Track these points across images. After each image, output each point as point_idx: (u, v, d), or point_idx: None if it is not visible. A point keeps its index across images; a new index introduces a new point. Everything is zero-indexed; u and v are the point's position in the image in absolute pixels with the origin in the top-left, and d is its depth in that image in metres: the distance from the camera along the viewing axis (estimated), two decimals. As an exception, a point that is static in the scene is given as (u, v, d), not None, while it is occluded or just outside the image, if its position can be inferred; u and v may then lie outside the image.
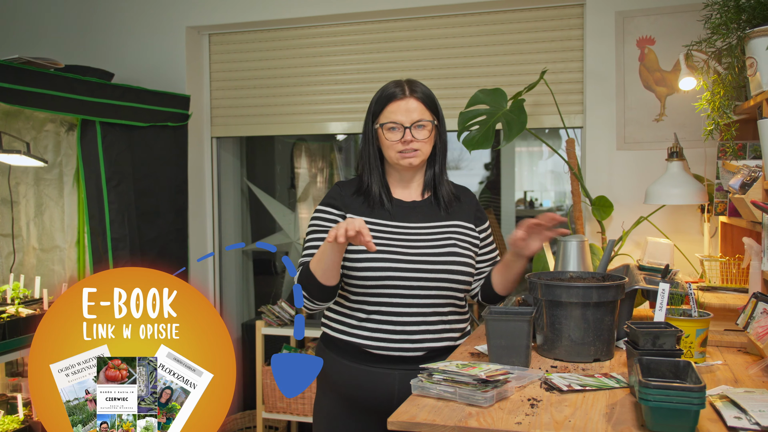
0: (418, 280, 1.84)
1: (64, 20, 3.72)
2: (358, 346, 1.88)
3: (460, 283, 1.90)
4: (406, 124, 1.87)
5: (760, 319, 1.75)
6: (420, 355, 1.86)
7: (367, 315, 1.87)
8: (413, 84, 1.92)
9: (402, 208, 1.95)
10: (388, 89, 1.91)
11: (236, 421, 3.68)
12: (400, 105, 1.88)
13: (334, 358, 1.92)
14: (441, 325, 1.89)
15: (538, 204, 6.06)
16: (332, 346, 1.94)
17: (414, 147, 1.88)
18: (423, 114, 1.89)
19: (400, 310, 1.85)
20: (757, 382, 1.65)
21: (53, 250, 3.32)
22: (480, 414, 1.43)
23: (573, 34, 3.09)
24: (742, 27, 1.91)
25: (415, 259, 1.85)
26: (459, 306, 1.95)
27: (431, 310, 1.87)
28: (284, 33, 3.55)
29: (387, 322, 1.86)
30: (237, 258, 4.06)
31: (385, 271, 1.84)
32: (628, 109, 2.93)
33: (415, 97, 1.89)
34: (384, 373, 1.86)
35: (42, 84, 2.56)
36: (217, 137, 3.75)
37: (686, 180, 2.47)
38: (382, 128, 1.90)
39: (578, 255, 2.32)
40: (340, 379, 1.91)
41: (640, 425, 1.35)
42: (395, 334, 1.85)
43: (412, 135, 1.87)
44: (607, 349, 1.83)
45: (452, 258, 1.87)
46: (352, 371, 1.89)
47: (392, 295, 1.85)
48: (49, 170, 3.27)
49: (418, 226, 1.91)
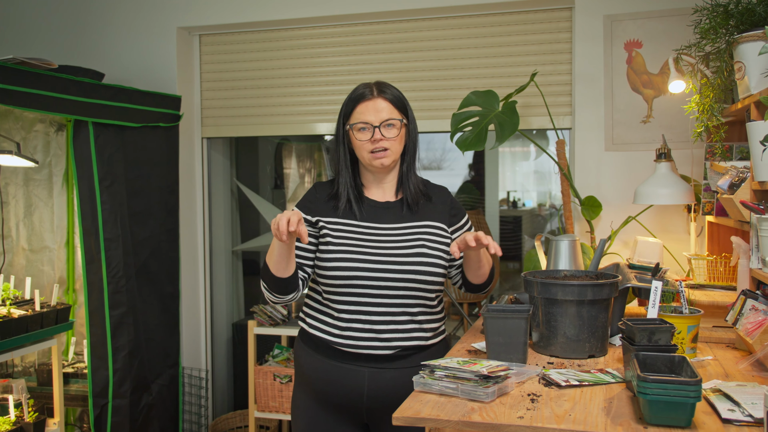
0: (386, 280, 1.87)
1: (55, 21, 3.70)
2: (329, 342, 1.92)
3: (428, 283, 1.92)
4: (375, 123, 1.91)
5: (749, 315, 1.81)
6: (389, 353, 1.89)
7: (338, 313, 1.91)
8: (382, 85, 1.96)
9: (374, 208, 1.98)
10: (357, 90, 1.96)
11: (228, 420, 3.69)
12: (369, 105, 1.92)
13: (309, 352, 1.97)
14: (410, 324, 1.91)
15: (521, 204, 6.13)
16: (307, 340, 1.99)
17: (384, 146, 1.91)
18: (392, 113, 1.93)
19: (369, 309, 1.88)
20: (747, 377, 1.70)
21: (43, 251, 3.31)
22: (482, 409, 1.46)
23: (562, 37, 3.14)
24: (731, 32, 1.97)
25: (383, 260, 1.88)
26: (429, 306, 1.96)
27: (400, 310, 1.89)
28: (274, 34, 3.56)
29: (356, 321, 1.89)
30: (227, 258, 4.06)
31: (352, 271, 1.87)
32: (616, 110, 2.99)
33: (384, 98, 1.93)
34: (354, 370, 1.90)
35: (35, 84, 2.55)
36: (207, 138, 3.75)
37: (674, 180, 2.52)
38: (352, 129, 1.94)
39: (569, 254, 2.37)
40: (313, 373, 1.95)
41: (638, 418, 1.39)
42: (364, 332, 1.89)
43: (381, 134, 1.91)
44: (601, 346, 1.88)
45: (420, 258, 1.89)
46: (325, 366, 1.92)
47: (360, 295, 1.88)
48: (38, 171, 3.25)
49: (387, 227, 1.94)
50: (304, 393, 2.00)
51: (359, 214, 1.96)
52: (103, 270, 2.88)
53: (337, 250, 1.89)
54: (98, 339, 2.89)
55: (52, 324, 2.80)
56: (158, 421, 3.16)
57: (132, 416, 2.99)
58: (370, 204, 1.99)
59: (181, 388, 3.43)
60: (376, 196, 2.01)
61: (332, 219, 1.95)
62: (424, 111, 3.33)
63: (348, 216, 1.96)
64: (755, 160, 1.76)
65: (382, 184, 2.02)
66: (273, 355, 3.47)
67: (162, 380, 3.23)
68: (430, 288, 1.93)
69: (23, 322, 2.65)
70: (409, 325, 1.91)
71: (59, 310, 2.82)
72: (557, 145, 2.88)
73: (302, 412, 2.00)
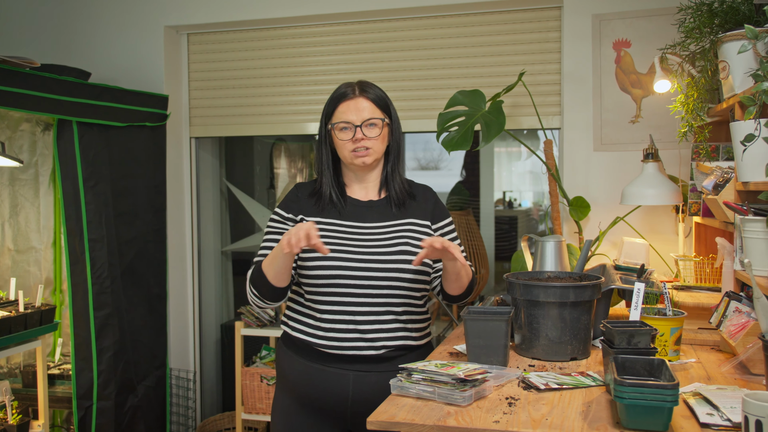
0: (369, 279, 1.85)
1: (42, 19, 3.67)
2: (313, 345, 1.89)
3: (413, 282, 1.89)
4: (356, 122, 1.89)
5: (733, 317, 1.79)
6: (375, 354, 1.87)
7: (321, 314, 1.89)
8: (364, 84, 1.94)
9: (357, 207, 1.96)
10: (339, 90, 1.94)
11: (216, 422, 3.67)
12: (350, 105, 1.90)
13: (292, 356, 1.94)
14: (395, 324, 1.89)
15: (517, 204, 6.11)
16: (290, 344, 1.96)
17: (365, 145, 1.90)
18: (374, 113, 1.91)
19: (353, 309, 1.86)
20: (729, 380, 1.68)
21: (29, 251, 3.29)
22: (459, 413, 1.44)
23: (550, 36, 3.12)
24: (715, 31, 1.95)
25: (366, 258, 1.86)
26: (415, 306, 1.94)
27: (384, 309, 1.87)
28: (263, 33, 3.54)
29: (340, 321, 1.86)
30: (216, 259, 4.04)
31: (335, 270, 1.85)
32: (604, 110, 2.97)
33: (365, 97, 1.91)
34: (339, 374, 1.87)
35: (17, 83, 2.53)
36: (195, 137, 3.73)
37: (661, 181, 2.50)
38: (333, 128, 1.92)
39: (555, 255, 2.35)
40: (296, 378, 1.92)
41: (616, 422, 1.37)
42: (349, 333, 1.86)
43: (363, 133, 1.89)
44: (583, 348, 1.86)
45: (404, 257, 1.87)
46: (308, 370, 1.89)
47: (344, 294, 1.86)
48: (24, 170, 3.23)
49: (370, 226, 1.92)
50: (286, 396, 1.97)
51: (342, 213, 1.94)
52: (88, 271, 2.86)
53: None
54: (83, 340, 2.87)
55: (36, 325, 2.78)
56: (144, 423, 3.14)
57: (117, 418, 2.96)
58: (353, 203, 1.97)
59: (169, 389, 3.41)
60: (359, 195, 2.00)
61: (315, 219, 1.93)
62: (412, 111, 3.32)
63: (331, 215, 1.94)
64: (738, 160, 1.74)
65: (365, 183, 2.00)
66: (260, 357, 3.45)
67: (148, 382, 3.20)
68: (414, 287, 1.91)
69: (6, 323, 2.62)
70: (393, 324, 1.88)
71: (43, 311, 2.80)
72: (545, 145, 2.87)
73: (283, 417, 1.97)
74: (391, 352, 1.88)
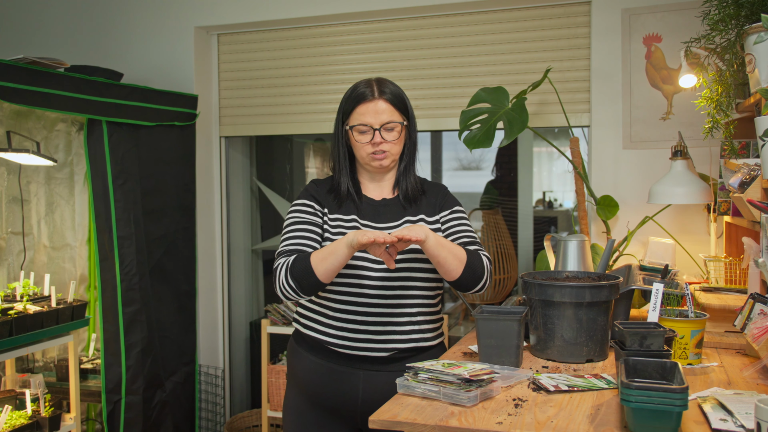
0: (384, 279, 1.84)
1: (77, 23, 3.76)
2: (324, 343, 1.88)
3: (426, 281, 1.88)
4: (375, 126, 1.87)
5: (757, 320, 1.72)
6: (385, 355, 1.85)
7: (334, 313, 1.88)
8: (382, 84, 1.91)
9: (371, 206, 1.95)
10: (358, 89, 1.90)
11: (244, 419, 3.70)
12: (369, 107, 1.87)
13: (303, 354, 1.93)
14: (409, 326, 1.87)
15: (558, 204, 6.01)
16: (302, 342, 1.95)
17: (383, 148, 1.88)
18: (392, 115, 1.88)
19: (366, 309, 1.85)
20: (750, 384, 1.62)
21: (64, 248, 3.37)
22: (462, 413, 1.42)
23: (579, 32, 3.06)
24: (742, 23, 1.87)
25: (379, 259, 1.83)
26: (430, 306, 1.92)
27: (398, 311, 1.85)
28: (292, 32, 3.56)
29: (352, 321, 1.85)
30: (246, 257, 4.08)
31: (351, 269, 1.84)
32: (634, 107, 2.90)
33: (384, 99, 1.88)
34: (349, 373, 1.86)
35: (48, 84, 2.59)
36: (225, 136, 3.77)
37: (690, 179, 2.42)
38: (351, 130, 1.90)
39: (578, 255, 2.30)
40: (306, 376, 1.91)
41: (623, 426, 1.33)
42: (360, 334, 1.85)
43: (381, 137, 1.87)
44: (600, 350, 1.81)
45: (415, 255, 1.86)
46: (319, 368, 1.89)
47: (357, 294, 1.85)
48: (59, 169, 3.31)
49: (385, 226, 1.91)
50: (296, 395, 1.97)
51: (359, 210, 1.93)
52: (117, 267, 2.92)
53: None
54: (112, 335, 2.93)
55: (68, 320, 2.84)
56: (172, 419, 3.19)
57: (145, 413, 3.02)
58: (368, 202, 1.97)
59: (198, 385, 3.46)
60: (374, 194, 1.99)
61: (333, 216, 1.92)
62: (439, 109, 3.29)
63: (349, 212, 1.93)
64: (762, 156, 1.67)
65: (380, 182, 1.99)
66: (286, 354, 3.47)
67: (177, 377, 3.25)
68: (428, 286, 1.89)
69: (38, 318, 2.69)
70: (407, 326, 1.87)
71: (75, 307, 2.86)
72: (571, 143, 2.81)
73: (294, 415, 1.97)
74: (401, 353, 1.87)
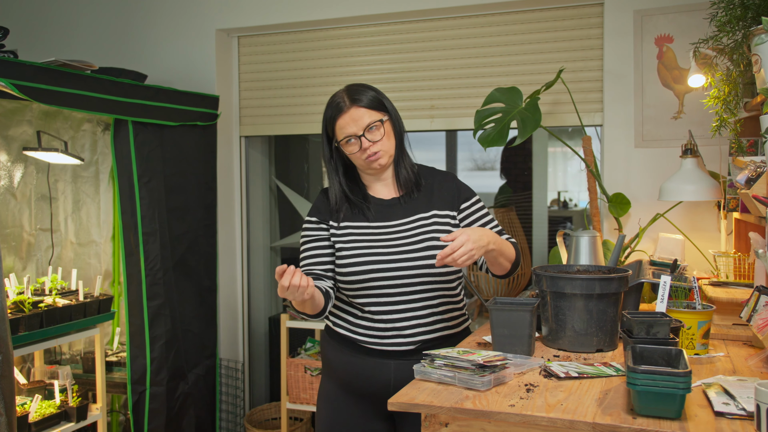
0: (402, 278, 1.90)
1: (103, 27, 3.88)
2: (354, 340, 1.96)
3: (445, 274, 1.94)
4: (358, 133, 1.91)
5: (762, 311, 1.78)
6: (413, 348, 1.93)
7: (361, 313, 1.96)
8: (352, 91, 1.95)
9: (381, 207, 2.00)
10: (332, 104, 1.96)
11: (263, 411, 3.80)
12: (346, 118, 1.92)
13: (335, 347, 2.01)
14: (433, 317, 1.94)
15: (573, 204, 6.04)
16: (333, 335, 2.04)
17: (374, 150, 1.92)
18: (371, 116, 1.92)
19: (390, 308, 1.92)
20: (755, 373, 1.68)
21: (89, 245, 3.48)
22: (476, 397, 1.49)
23: (592, 33, 3.12)
24: (749, 24, 1.93)
25: (396, 258, 1.90)
26: (452, 296, 1.99)
27: (422, 305, 1.93)
28: (311, 34, 3.65)
29: (379, 320, 1.93)
30: (265, 253, 4.17)
31: (368, 273, 1.90)
32: (646, 107, 2.95)
33: (357, 105, 1.92)
34: (380, 363, 1.94)
35: (77, 85, 2.69)
36: (245, 136, 3.87)
37: (700, 176, 2.48)
38: (341, 145, 1.95)
39: (589, 250, 2.36)
40: (340, 366, 2.00)
41: (630, 409, 1.40)
42: (387, 331, 1.93)
43: (368, 140, 1.91)
44: (609, 340, 1.87)
45: (431, 252, 1.91)
46: (351, 360, 1.97)
47: (380, 295, 1.92)
48: (85, 168, 3.42)
49: (395, 224, 1.96)
50: (330, 382, 2.05)
51: (368, 215, 1.98)
52: (142, 263, 3.02)
53: (349, 254, 1.92)
54: (137, 329, 3.02)
55: (95, 314, 2.94)
56: (194, 410, 3.28)
57: (169, 403, 3.11)
58: (377, 203, 2.01)
59: (218, 378, 3.55)
60: (382, 194, 2.03)
61: (342, 223, 1.98)
62: (454, 108, 3.36)
63: (358, 218, 1.98)
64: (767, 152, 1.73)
65: (384, 181, 2.04)
66: (305, 348, 3.56)
67: (199, 370, 3.35)
68: (448, 278, 1.95)
69: (67, 311, 2.79)
70: (431, 318, 1.94)
71: (101, 301, 2.96)
72: (583, 142, 2.87)
73: (327, 402, 2.04)
74: (428, 343, 1.94)
